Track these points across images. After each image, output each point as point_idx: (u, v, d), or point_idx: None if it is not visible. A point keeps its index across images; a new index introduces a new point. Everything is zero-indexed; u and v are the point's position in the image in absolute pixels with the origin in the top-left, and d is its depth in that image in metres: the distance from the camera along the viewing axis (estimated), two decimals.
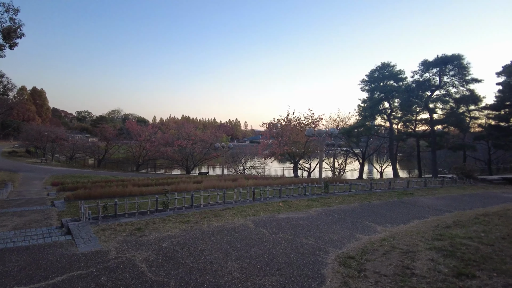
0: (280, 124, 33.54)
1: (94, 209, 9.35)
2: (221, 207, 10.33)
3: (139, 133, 38.68)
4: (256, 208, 10.21)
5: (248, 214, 9.36)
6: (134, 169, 38.44)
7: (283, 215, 9.44)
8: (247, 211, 9.69)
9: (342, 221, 9.01)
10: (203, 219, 8.60)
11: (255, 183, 18.76)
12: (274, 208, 10.43)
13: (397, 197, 13.74)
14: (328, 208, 10.83)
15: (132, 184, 18.56)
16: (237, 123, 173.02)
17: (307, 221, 8.81)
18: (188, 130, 38.46)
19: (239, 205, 10.78)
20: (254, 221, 8.54)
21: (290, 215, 9.46)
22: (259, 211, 9.84)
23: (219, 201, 11.57)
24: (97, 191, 13.40)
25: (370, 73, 29.82)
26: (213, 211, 9.59)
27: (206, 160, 40.81)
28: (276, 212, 9.76)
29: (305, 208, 10.56)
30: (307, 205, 11.06)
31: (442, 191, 16.06)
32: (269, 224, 8.34)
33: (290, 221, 8.72)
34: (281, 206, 10.77)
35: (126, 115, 77.72)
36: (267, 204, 10.97)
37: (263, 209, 10.18)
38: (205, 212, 9.49)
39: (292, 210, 10.26)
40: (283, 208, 10.43)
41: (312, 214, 9.80)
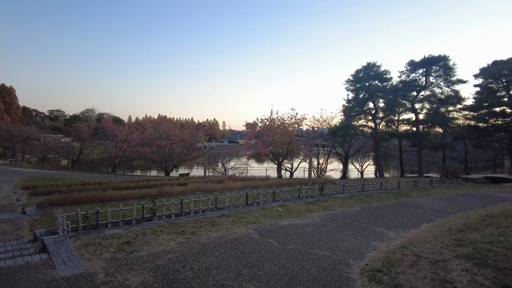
0: (264, 123, 32.78)
1: (73, 218, 8.13)
2: (216, 214, 9.34)
3: (116, 133, 36.67)
4: (255, 214, 9.31)
5: (247, 221, 8.45)
6: (110, 171, 36.37)
7: (286, 222, 8.61)
8: (246, 218, 8.77)
9: (351, 227, 8.31)
10: (199, 228, 7.59)
11: (243, 185, 17.86)
12: (273, 213, 9.58)
13: (394, 198, 13.32)
14: (330, 212, 10.13)
15: (111, 187, 17.17)
16: (215, 123, 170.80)
17: (314, 228, 8.04)
18: (167, 130, 36.85)
19: (235, 211, 9.84)
20: (257, 230, 7.65)
21: (293, 222, 8.65)
22: (259, 217, 8.95)
23: (210, 206, 10.60)
24: (74, 196, 12.01)
25: (355, 73, 29.69)
26: (208, 219, 8.60)
27: (186, 161, 39.35)
28: (277, 219, 8.91)
29: (306, 213, 9.79)
30: (308, 210, 10.30)
31: (435, 191, 15.88)
32: (274, 233, 7.47)
33: (296, 229, 7.91)
34: (280, 211, 9.94)
35: (101, 115, 74.30)
36: (265, 209, 10.10)
37: (262, 215, 9.30)
38: (199, 220, 8.47)
39: (293, 215, 9.44)
40: (283, 214, 9.61)
41: (316, 219, 9.04)
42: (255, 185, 18.40)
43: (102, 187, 16.95)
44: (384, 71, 28.31)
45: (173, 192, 14.93)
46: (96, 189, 16.45)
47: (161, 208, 9.32)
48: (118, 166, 36.79)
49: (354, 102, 29.14)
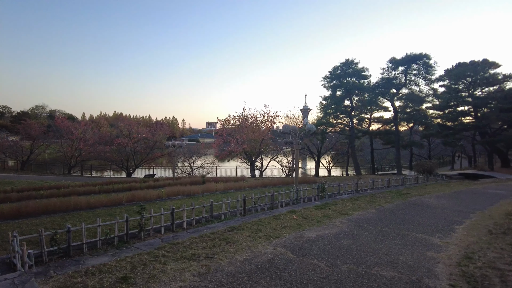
0: (238, 120, 30.98)
1: (34, 241, 5.90)
2: (223, 227, 7.48)
3: (71, 131, 32.47)
4: (270, 225, 7.64)
5: (267, 235, 6.75)
6: (65, 172, 32.22)
7: (312, 233, 7.06)
8: (263, 231, 7.06)
9: (388, 236, 7.05)
10: (214, 249, 5.74)
11: (225, 187, 16.07)
12: (289, 222, 7.98)
13: (399, 198, 12.45)
14: (349, 217, 8.81)
15: (72, 192, 14.48)
16: (174, 121, 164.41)
17: (349, 240, 6.61)
18: (129, 127, 33.48)
19: (242, 221, 8.10)
20: (287, 247, 6.00)
21: (320, 232, 7.13)
22: (277, 229, 7.30)
23: (205, 215, 8.73)
24: (30, 206, 9.42)
25: (332, 69, 29.06)
26: (217, 235, 6.74)
27: (149, 161, 36.15)
28: (299, 229, 7.33)
29: (325, 220, 8.34)
30: (324, 215, 8.86)
31: (429, 189, 15.41)
32: (309, 250, 5.89)
33: (330, 242, 6.41)
34: (296, 219, 8.36)
35: (52, 111, 66.97)
36: (278, 218, 8.45)
37: (279, 225, 7.66)
38: (206, 236, 6.58)
39: (313, 223, 7.94)
40: (301, 222, 8.05)
41: (343, 228, 7.62)
42: (238, 186, 16.68)
43: (61, 192, 14.21)
44: (362, 68, 28.09)
45: (149, 197, 12.69)
46: (55, 195, 13.75)
47: (148, 220, 7.28)
48: (74, 166, 32.66)
49: (331, 100, 28.53)
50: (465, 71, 30.82)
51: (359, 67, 27.68)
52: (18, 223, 8.36)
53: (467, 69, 31.02)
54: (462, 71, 30.88)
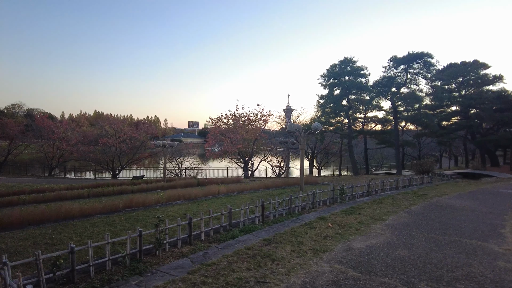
0: (232, 119, 29.80)
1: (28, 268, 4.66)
2: (255, 240, 6.35)
3: (53, 130, 30.23)
4: (308, 235, 6.65)
5: (313, 248, 5.74)
6: (46, 174, 30.04)
7: (359, 243, 6.12)
8: (304, 243, 6.04)
9: (441, 243, 6.37)
10: (259, 269, 4.65)
11: (228, 189, 14.92)
12: (327, 231, 7.01)
13: (421, 199, 11.79)
14: (386, 223, 7.98)
15: (58, 197, 13.03)
16: (156, 120, 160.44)
17: (404, 250, 5.82)
18: (115, 126, 31.58)
19: (276, 231, 7.04)
20: (342, 262, 5.02)
21: (366, 242, 6.22)
22: (318, 240, 6.30)
23: (224, 223, 7.63)
24: (14, 216, 8.00)
25: (330, 67, 28.27)
26: (253, 250, 5.62)
27: (135, 161, 34.33)
28: (342, 239, 6.37)
29: (363, 227, 7.44)
30: (359, 222, 7.94)
31: (443, 189, 14.89)
32: (369, 264, 4.96)
33: (386, 254, 5.53)
34: (331, 226, 7.39)
35: (30, 110, 63.22)
36: (311, 227, 7.43)
37: (317, 235, 6.66)
38: (242, 253, 5.44)
39: (352, 232, 7.00)
40: (338, 230, 7.10)
41: (387, 236, 6.74)
42: (241, 188, 15.59)
43: (46, 197, 12.72)
44: (361, 66, 27.46)
45: (147, 202, 11.40)
46: (40, 200, 12.27)
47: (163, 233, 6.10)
48: (55, 168, 30.43)
49: (328, 98, 27.82)
50: (457, 71, 31.01)
51: (358, 65, 27.15)
52: (1, 237, 6.96)
53: (459, 70, 31.24)
54: (454, 72, 31.05)
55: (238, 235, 7.04)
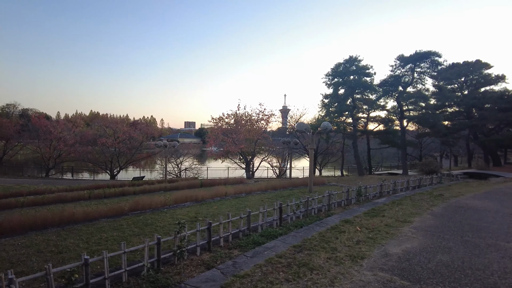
0: (235, 119, 29.25)
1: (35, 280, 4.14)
2: (285, 246, 5.83)
3: (49, 130, 29.50)
4: (339, 240, 6.18)
5: (348, 255, 5.27)
6: (43, 174, 29.31)
7: (395, 248, 5.69)
8: (338, 249, 5.56)
9: (479, 247, 6.09)
10: (299, 280, 4.13)
11: (236, 190, 14.38)
12: (357, 235, 6.54)
13: (439, 200, 11.40)
14: (413, 225, 7.58)
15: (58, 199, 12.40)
16: (152, 120, 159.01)
17: (444, 255, 5.49)
18: (114, 126, 30.88)
19: (303, 236, 6.56)
20: (385, 270, 4.58)
21: (401, 246, 5.83)
22: (351, 245, 5.83)
23: (242, 228, 7.12)
24: (14, 220, 7.43)
25: (335, 66, 27.79)
26: (285, 258, 5.10)
27: (134, 162, 33.62)
28: (374, 244, 5.92)
29: (392, 230, 7.01)
30: (386, 225, 7.49)
31: (457, 189, 14.52)
32: (414, 271, 4.58)
33: (428, 260, 5.18)
34: (360, 230, 6.90)
35: (25, 110, 62.08)
36: (338, 230, 6.95)
37: (349, 239, 6.20)
38: (275, 262, 4.92)
39: (383, 235, 6.56)
40: (368, 234, 6.63)
41: (420, 239, 6.36)
42: (248, 189, 15.09)
43: (46, 199, 12.13)
44: (366, 65, 26.95)
45: (154, 204, 10.82)
46: (39, 203, 11.68)
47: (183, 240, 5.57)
48: (52, 168, 29.67)
49: (333, 98, 27.36)
50: (459, 71, 30.75)
51: (363, 64, 26.68)
52: (2, 244, 6.38)
53: (461, 70, 30.98)
54: (456, 72, 30.79)
55: (260, 240, 6.57)
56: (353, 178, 23.46)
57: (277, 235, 7.03)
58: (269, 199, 12.58)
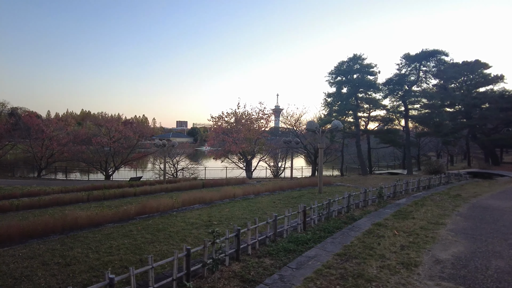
0: (236, 118, 28.54)
1: None
2: (326, 254, 5.25)
3: (42, 129, 28.31)
4: (381, 246, 5.63)
5: (400, 262, 4.83)
6: (35, 175, 28.26)
7: (443, 254, 5.30)
8: (386, 256, 5.07)
9: None
10: None
11: (244, 192, 13.72)
12: (397, 240, 6.04)
13: (459, 200, 11.03)
14: (448, 227, 7.22)
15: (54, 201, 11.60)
16: (144, 119, 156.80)
17: (499, 260, 5.16)
18: (109, 125, 29.85)
19: (340, 242, 6.00)
20: (445, 278, 4.28)
21: (449, 251, 5.53)
22: (397, 251, 5.34)
23: (269, 232, 6.53)
24: (13, 227, 6.69)
25: (338, 65, 27.30)
26: (333, 268, 4.53)
27: (130, 161, 32.57)
28: (419, 249, 5.48)
29: (430, 233, 6.59)
30: (421, 227, 7.08)
31: (471, 189, 14.20)
32: (477, 280, 4.20)
33: (486, 266, 4.82)
34: (397, 234, 6.37)
35: (14, 109, 60.04)
36: (374, 235, 6.40)
37: (392, 245, 5.69)
38: (326, 273, 4.34)
39: (425, 239, 6.13)
40: (408, 238, 6.10)
41: (463, 243, 6.01)
42: (256, 190, 14.44)
43: (42, 202, 11.32)
44: (370, 64, 26.47)
45: (162, 207, 10.12)
46: (35, 205, 10.90)
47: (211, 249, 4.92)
48: (45, 168, 28.49)
49: (336, 96, 26.85)
50: (459, 71, 30.64)
51: (366, 62, 26.21)
52: (0, 255, 5.62)
53: (461, 70, 30.88)
54: (456, 72, 30.67)
55: (290, 246, 6.06)
56: (357, 178, 23.01)
57: (306, 241, 6.49)
58: (280, 201, 12.00)
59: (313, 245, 6.12)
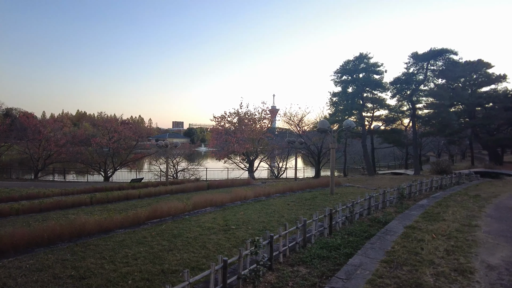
0: (239, 118, 27.95)
1: None
2: (373, 263, 4.75)
3: (39, 129, 27.56)
4: (426, 250, 5.23)
5: (452, 269, 4.43)
6: (31, 176, 27.57)
7: (493, 259, 4.94)
8: (434, 261, 4.70)
9: None
10: None
11: (255, 193, 13.21)
12: (438, 243, 5.59)
13: (481, 201, 10.58)
14: (485, 229, 6.80)
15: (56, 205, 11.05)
16: (140, 120, 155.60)
17: None
18: (108, 125, 29.15)
19: (380, 247, 5.48)
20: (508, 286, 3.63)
21: (497, 256, 5.20)
22: (444, 256, 4.95)
23: (299, 238, 6.08)
24: (18, 235, 6.15)
25: (343, 63, 26.81)
26: (389, 278, 4.07)
27: (129, 162, 31.86)
28: (465, 253, 5.10)
29: (469, 236, 6.16)
30: (455, 229, 6.70)
31: (486, 189, 13.78)
32: None
33: None
34: (435, 237, 5.92)
35: (9, 109, 58.78)
36: (414, 239, 5.94)
37: (435, 249, 5.30)
38: (382, 284, 3.87)
39: (463, 243, 5.77)
40: (450, 242, 5.68)
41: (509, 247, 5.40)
42: (267, 192, 13.94)
43: (43, 205, 10.77)
44: (376, 63, 26.00)
45: (173, 211, 9.57)
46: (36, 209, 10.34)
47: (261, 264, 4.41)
48: (42, 170, 27.71)
49: (341, 96, 26.30)
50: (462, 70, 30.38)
51: (373, 61, 25.68)
52: (5, 267, 5.06)
53: (464, 69, 30.62)
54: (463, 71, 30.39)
55: (322, 253, 5.75)
56: (363, 179, 22.58)
57: (337, 246, 6.10)
58: (294, 203, 11.51)
59: (345, 251, 5.72)
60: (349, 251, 5.74)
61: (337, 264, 5.12)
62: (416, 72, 24.82)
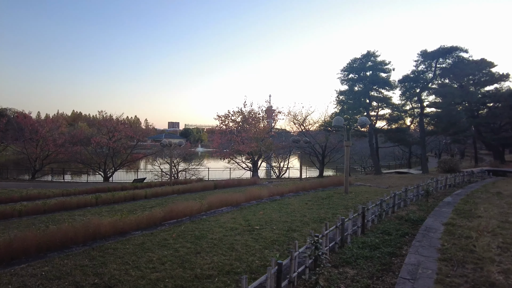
0: (244, 117, 27.44)
1: None
2: (432, 264, 4.34)
3: (37, 129, 26.83)
4: (477, 247, 4.92)
5: None
6: (29, 177, 26.86)
7: None
8: (494, 258, 4.56)
9: None
10: None
11: (270, 193, 12.75)
12: (486, 239, 5.28)
13: (508, 198, 10.32)
14: None
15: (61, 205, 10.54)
16: (136, 120, 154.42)
17: None
18: (109, 124, 28.45)
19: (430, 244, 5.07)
20: None
21: None
22: (499, 252, 4.71)
23: (338, 237, 5.79)
24: (28, 239, 5.61)
25: (350, 62, 26.61)
26: (454, 285, 3.64)
27: (129, 162, 31.18)
28: None
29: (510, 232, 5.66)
30: (499, 227, 6.55)
31: (504, 186, 13.53)
32: None
33: None
34: (480, 234, 5.51)
35: (3, 110, 57.69)
36: (459, 236, 5.53)
37: (488, 246, 5.00)
38: None
39: None
40: (495, 239, 5.31)
41: None
42: (281, 191, 13.49)
43: (47, 206, 10.19)
44: (383, 61, 25.69)
45: (188, 211, 9.01)
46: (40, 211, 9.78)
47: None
48: (39, 170, 26.93)
49: (348, 94, 25.93)
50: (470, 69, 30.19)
51: (380, 59, 25.32)
52: (18, 274, 4.51)
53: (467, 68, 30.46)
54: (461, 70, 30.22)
55: (364, 253, 5.33)
56: (372, 178, 22.20)
57: (376, 245, 5.82)
58: (311, 202, 11.07)
59: (387, 250, 5.40)
60: (391, 250, 5.43)
61: (384, 264, 4.77)
62: (425, 70, 24.49)
